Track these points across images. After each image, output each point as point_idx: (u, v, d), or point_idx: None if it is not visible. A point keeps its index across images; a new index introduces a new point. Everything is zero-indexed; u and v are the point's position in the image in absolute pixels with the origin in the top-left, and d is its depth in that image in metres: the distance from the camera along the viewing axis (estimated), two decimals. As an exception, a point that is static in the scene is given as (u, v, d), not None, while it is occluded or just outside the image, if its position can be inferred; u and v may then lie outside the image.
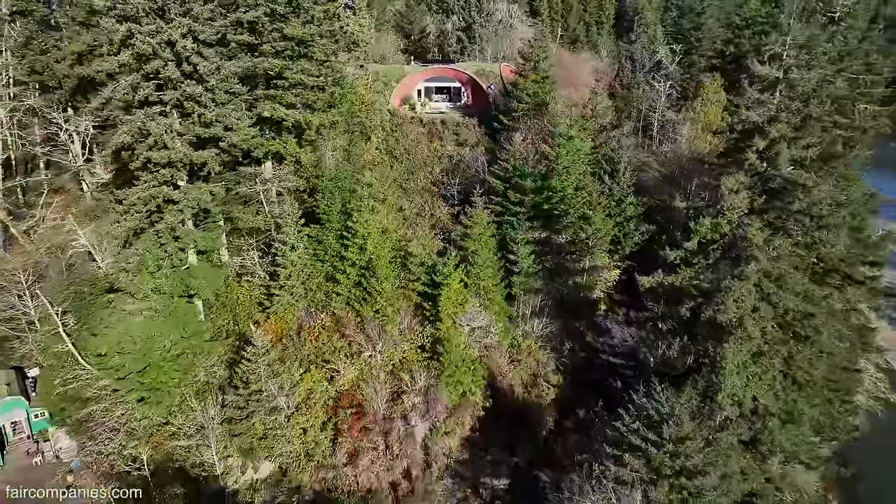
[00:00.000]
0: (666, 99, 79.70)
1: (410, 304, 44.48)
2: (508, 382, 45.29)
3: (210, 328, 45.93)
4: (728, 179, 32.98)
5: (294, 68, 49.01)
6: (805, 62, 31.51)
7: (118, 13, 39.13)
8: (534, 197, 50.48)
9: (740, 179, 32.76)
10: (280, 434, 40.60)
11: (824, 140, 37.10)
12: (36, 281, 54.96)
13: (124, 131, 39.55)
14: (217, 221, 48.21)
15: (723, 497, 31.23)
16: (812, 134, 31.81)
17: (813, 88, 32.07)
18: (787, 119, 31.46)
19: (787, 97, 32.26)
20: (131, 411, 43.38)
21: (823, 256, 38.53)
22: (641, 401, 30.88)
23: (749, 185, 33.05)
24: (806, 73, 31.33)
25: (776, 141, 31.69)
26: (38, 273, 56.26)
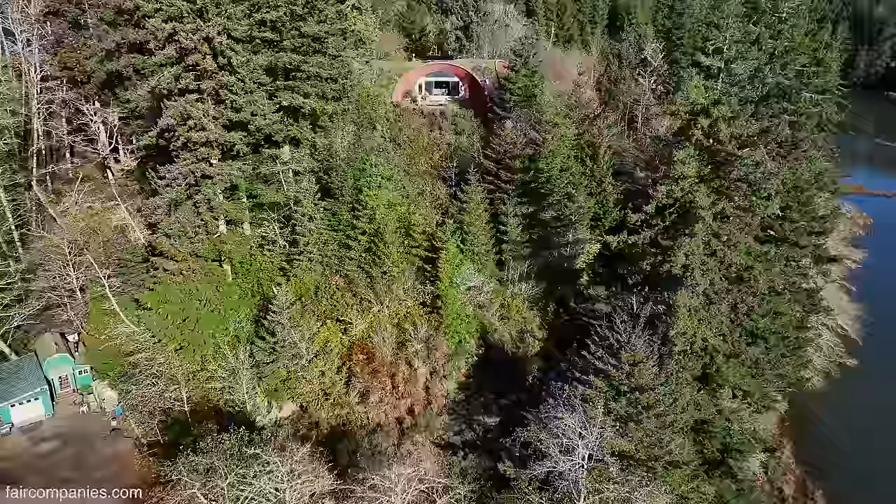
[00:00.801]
0: (651, 93, 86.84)
1: (413, 266, 51.58)
2: (499, 336, 52.33)
3: (237, 290, 52.92)
4: (679, 152, 39.97)
5: (310, 62, 56.03)
6: (741, 54, 38.53)
7: (164, 14, 46.10)
8: (522, 176, 57.54)
9: (689, 152, 39.74)
10: (301, 377, 47.57)
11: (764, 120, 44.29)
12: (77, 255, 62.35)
13: (169, 115, 46.57)
14: (241, 198, 55.24)
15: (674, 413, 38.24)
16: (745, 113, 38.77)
17: (748, 77, 39.02)
18: (727, 102, 38.46)
19: (727, 84, 39.25)
20: (171, 359, 50.35)
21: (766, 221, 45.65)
22: (605, 333, 37.90)
23: (697, 158, 40.02)
24: (742, 63, 38.34)
25: (717, 120, 38.66)
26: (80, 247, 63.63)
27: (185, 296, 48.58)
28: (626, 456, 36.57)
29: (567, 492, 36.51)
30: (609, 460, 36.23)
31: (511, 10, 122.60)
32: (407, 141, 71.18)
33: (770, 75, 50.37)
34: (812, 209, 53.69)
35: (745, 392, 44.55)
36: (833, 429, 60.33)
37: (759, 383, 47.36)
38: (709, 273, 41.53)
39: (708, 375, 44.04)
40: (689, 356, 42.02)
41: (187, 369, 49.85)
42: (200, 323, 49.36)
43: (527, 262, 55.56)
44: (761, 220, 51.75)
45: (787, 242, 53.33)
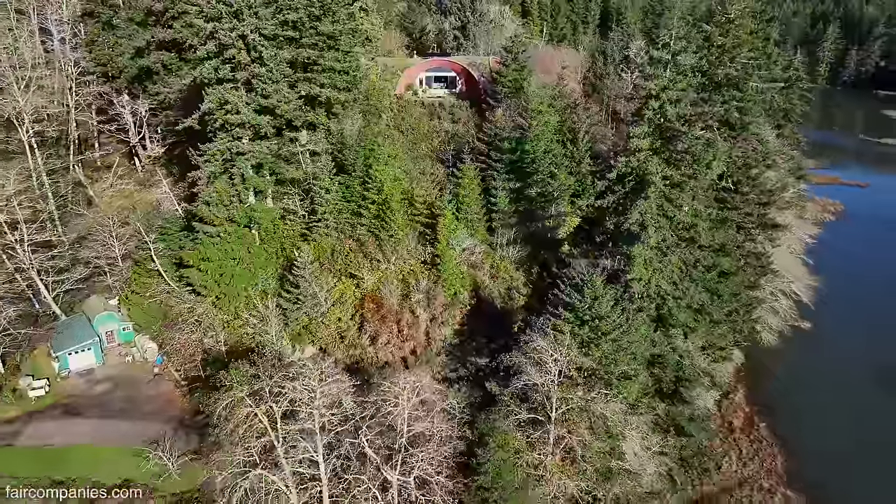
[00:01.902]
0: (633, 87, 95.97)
1: (415, 231, 60.87)
2: (489, 291, 61.59)
3: (264, 252, 62.13)
4: (635, 129, 49.22)
5: (326, 57, 65.40)
6: (684, 48, 47.82)
7: (205, 15, 55.40)
8: (510, 156, 66.84)
9: (643, 129, 48.97)
10: (321, 323, 56.78)
11: (716, 105, 53.80)
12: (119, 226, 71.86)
13: (210, 100, 55.83)
14: (265, 175, 64.49)
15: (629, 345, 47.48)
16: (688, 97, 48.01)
17: (691, 67, 48.29)
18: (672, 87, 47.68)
19: (674, 73, 48.50)
20: (208, 310, 59.59)
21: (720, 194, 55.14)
22: (572, 274, 47.18)
23: (650, 133, 49.22)
24: (685, 56, 47.61)
25: (665, 103, 47.88)
26: (122, 221, 73.23)
27: (221, 255, 57.80)
28: (588, 372, 45.84)
29: (541, 402, 45.78)
30: (574, 375, 45.57)
31: (506, 10, 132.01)
32: (409, 128, 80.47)
33: (720, 67, 59.80)
34: (760, 183, 62.97)
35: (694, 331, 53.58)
36: (781, 378, 69.87)
37: (709, 327, 56.54)
38: (661, 230, 50.74)
39: (662, 317, 53.25)
40: (644, 298, 51.24)
41: (223, 318, 59.10)
42: (234, 279, 58.63)
43: (514, 230, 64.92)
44: (716, 192, 61.41)
45: (738, 211, 62.71)
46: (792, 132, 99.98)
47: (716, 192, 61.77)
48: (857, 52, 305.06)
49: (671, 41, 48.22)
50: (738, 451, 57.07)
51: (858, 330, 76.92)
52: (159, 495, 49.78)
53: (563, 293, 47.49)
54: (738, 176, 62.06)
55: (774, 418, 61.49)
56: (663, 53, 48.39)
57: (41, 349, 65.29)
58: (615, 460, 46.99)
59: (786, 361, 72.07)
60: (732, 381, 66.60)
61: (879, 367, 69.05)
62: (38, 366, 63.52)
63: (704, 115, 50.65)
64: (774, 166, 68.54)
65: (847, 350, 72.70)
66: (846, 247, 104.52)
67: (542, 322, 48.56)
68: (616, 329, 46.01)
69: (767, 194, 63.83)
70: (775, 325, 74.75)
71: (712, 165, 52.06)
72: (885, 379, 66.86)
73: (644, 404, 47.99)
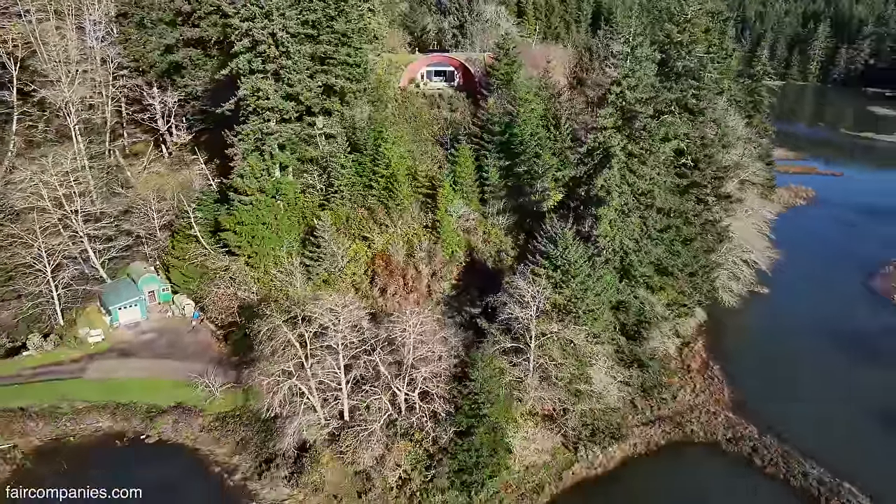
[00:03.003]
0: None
1: (418, 200, 71.83)
2: (481, 253, 72.52)
3: (287, 220, 72.90)
4: (601, 111, 60.15)
5: (340, 52, 76.25)
6: (640, 43, 58.74)
7: (241, 16, 66.29)
8: (500, 138, 77.78)
9: (608, 110, 59.83)
10: (338, 277, 67.60)
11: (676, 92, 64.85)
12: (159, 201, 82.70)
13: (245, 88, 66.72)
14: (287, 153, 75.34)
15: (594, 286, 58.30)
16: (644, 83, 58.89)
17: (646, 58, 59.18)
18: (631, 75, 58.56)
19: (633, 63, 59.36)
20: (241, 268, 70.47)
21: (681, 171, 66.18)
22: (548, 229, 58.11)
23: (613, 114, 60.07)
24: (640, 49, 58.51)
25: (625, 88, 58.73)
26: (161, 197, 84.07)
27: (253, 220, 68.69)
28: (560, 308, 56.71)
29: (522, 333, 56.69)
30: (549, 311, 56.48)
31: (502, 10, 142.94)
32: (412, 116, 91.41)
33: (679, 60, 70.76)
34: (715, 161, 73.91)
35: (662, 289, 64.60)
36: (737, 332, 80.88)
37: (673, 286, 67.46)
38: (623, 195, 61.59)
39: (626, 269, 64.08)
40: (610, 253, 62.13)
41: (255, 275, 70.02)
42: (264, 241, 69.53)
43: (503, 202, 75.90)
44: (677, 168, 72.36)
45: (697, 186, 73.66)
46: (760, 122, 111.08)
47: (677, 169, 72.83)
48: (847, 51, 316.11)
49: (631, 38, 59.16)
50: (693, 386, 67.86)
51: (808, 295, 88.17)
52: (206, 414, 60.68)
53: (540, 244, 58.41)
54: (696, 154, 73.00)
55: (726, 363, 72.26)
56: (624, 47, 59.31)
57: (92, 307, 76.33)
58: (584, 384, 57.87)
59: (742, 319, 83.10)
60: (694, 334, 77.46)
61: (821, 325, 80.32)
62: (91, 320, 74.55)
63: (659, 100, 61.40)
64: (730, 146, 79.27)
65: (796, 311, 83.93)
66: (810, 226, 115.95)
67: (523, 268, 59.51)
68: (582, 273, 56.92)
69: (722, 170, 74.72)
70: (736, 289, 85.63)
71: (668, 142, 62.81)
72: (825, 334, 78.15)
73: (607, 337, 58.81)
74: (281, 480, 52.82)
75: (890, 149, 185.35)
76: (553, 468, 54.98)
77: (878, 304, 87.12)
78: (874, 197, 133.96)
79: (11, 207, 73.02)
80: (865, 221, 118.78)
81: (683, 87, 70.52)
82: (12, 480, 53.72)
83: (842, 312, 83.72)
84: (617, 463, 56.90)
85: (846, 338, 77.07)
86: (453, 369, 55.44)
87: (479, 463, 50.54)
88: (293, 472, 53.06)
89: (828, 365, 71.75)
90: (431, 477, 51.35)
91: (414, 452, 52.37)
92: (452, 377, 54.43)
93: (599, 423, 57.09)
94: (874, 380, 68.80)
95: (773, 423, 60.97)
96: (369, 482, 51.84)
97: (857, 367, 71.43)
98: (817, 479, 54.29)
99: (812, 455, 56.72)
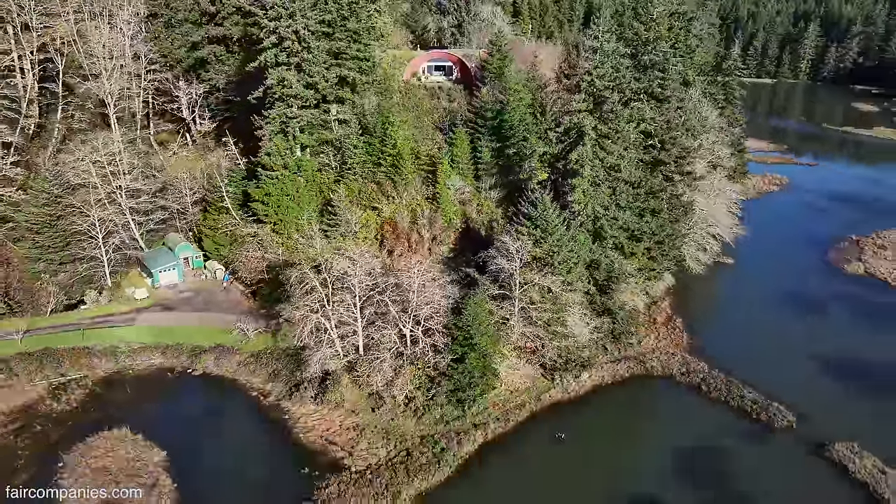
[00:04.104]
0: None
1: (421, 175, 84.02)
2: (475, 222, 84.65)
3: (307, 193, 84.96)
4: (575, 96, 72.27)
5: (352, 48, 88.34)
6: (608, 39, 70.89)
7: (270, 15, 78.41)
8: (492, 123, 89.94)
9: (581, 96, 71.93)
10: (352, 240, 79.60)
11: (643, 82, 77.04)
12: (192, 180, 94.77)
13: (272, 78, 78.82)
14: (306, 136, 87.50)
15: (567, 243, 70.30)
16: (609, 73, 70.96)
17: (613, 51, 71.32)
18: (600, 66, 70.63)
19: (602, 56, 71.47)
20: (268, 234, 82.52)
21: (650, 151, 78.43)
22: (530, 195, 70.19)
23: (586, 99, 72.14)
24: (607, 44, 70.67)
25: (595, 77, 70.80)
26: (193, 176, 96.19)
27: (279, 192, 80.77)
28: (539, 260, 68.73)
29: (507, 281, 68.72)
30: (530, 262, 68.51)
31: (498, 10, 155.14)
32: (414, 106, 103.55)
33: (646, 55, 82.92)
34: (679, 142, 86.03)
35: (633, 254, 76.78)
36: (700, 294, 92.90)
37: (637, 244, 79.48)
38: (595, 168, 73.69)
39: (598, 232, 76.13)
40: (584, 217, 74.20)
41: (279, 240, 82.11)
42: (288, 210, 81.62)
43: (494, 178, 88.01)
44: (645, 150, 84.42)
45: (662, 162, 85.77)
46: (732, 113, 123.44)
47: (645, 149, 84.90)
48: (836, 50, 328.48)
49: (600, 34, 71.33)
50: (657, 335, 79.85)
51: (768, 265, 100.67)
52: (242, 352, 72.71)
53: (523, 207, 70.49)
54: (662, 136, 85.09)
55: (688, 318, 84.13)
56: (594, 43, 71.49)
57: (133, 272, 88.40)
58: (560, 326, 69.88)
59: (707, 284, 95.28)
60: (662, 295, 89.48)
61: (776, 289, 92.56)
62: (133, 282, 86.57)
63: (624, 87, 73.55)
64: (695, 131, 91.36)
65: (756, 278, 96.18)
66: (779, 209, 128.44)
67: (509, 227, 71.56)
68: (558, 231, 68.99)
69: (685, 151, 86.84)
70: (703, 259, 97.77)
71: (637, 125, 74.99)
72: (778, 296, 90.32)
73: (580, 287, 70.90)
74: (308, 399, 64.86)
75: (866, 142, 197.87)
76: (533, 392, 66.97)
77: (829, 273, 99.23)
78: (843, 185, 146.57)
79: (67, 182, 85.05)
80: (831, 206, 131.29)
81: (650, 77, 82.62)
82: (87, 401, 65.80)
83: (796, 279, 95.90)
84: (587, 390, 68.83)
85: (796, 298, 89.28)
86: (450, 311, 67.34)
87: (472, 383, 62.50)
88: (317, 393, 65.07)
89: (778, 320, 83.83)
90: (432, 395, 63.32)
91: (418, 376, 64.32)
92: (450, 311, 66.24)
93: (573, 356, 69.09)
94: (817, 331, 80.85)
95: (721, 362, 72.76)
96: (381, 400, 63.79)
97: (802, 320, 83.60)
98: (752, 400, 66.19)
99: (751, 384, 68.56)
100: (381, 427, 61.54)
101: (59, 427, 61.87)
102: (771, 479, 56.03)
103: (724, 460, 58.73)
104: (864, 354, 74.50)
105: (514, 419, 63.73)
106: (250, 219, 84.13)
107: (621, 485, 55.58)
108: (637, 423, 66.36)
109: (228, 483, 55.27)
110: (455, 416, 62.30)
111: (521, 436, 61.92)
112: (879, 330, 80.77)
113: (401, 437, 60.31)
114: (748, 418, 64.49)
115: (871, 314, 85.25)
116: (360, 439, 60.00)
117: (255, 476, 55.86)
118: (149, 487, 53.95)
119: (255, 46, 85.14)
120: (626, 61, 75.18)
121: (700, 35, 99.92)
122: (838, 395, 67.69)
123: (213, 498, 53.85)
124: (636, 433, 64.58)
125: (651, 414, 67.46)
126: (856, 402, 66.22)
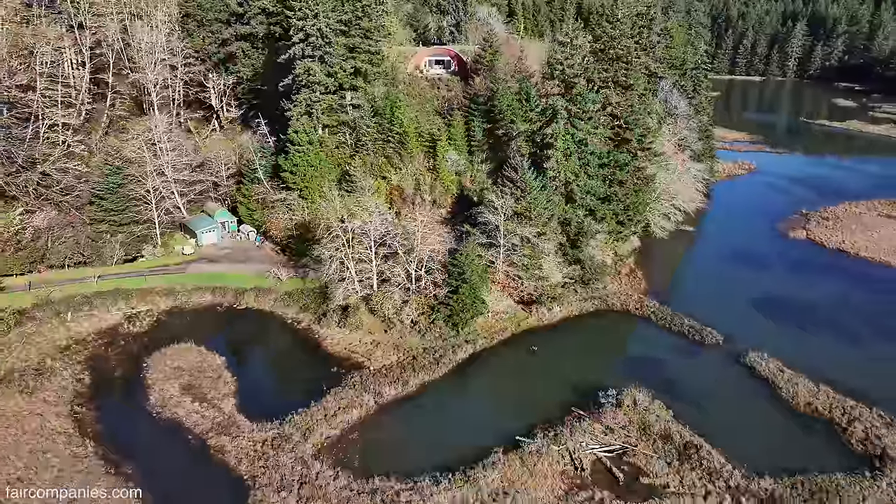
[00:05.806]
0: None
1: (423, 150, 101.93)
2: (468, 190, 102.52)
3: (327, 165, 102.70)
4: (549, 83, 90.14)
5: (364, 43, 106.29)
6: (576, 35, 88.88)
7: (298, 15, 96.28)
8: (483, 107, 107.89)
9: (555, 81, 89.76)
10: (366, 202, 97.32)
11: (610, 72, 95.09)
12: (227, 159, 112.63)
13: (300, 68, 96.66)
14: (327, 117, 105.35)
15: (542, 200, 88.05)
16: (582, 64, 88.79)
17: (579, 45, 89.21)
18: (570, 57, 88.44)
19: (571, 49, 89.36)
20: (296, 200, 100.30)
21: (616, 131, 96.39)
22: (511, 161, 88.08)
23: (558, 85, 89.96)
24: (577, 40, 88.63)
25: (565, 66, 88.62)
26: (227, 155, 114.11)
27: (305, 163, 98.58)
28: (519, 214, 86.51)
29: (493, 232, 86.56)
30: (512, 216, 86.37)
31: (493, 11, 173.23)
32: (417, 94, 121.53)
33: (611, 49, 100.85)
34: (642, 123, 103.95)
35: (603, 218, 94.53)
36: (662, 254, 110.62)
37: (607, 208, 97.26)
38: (566, 142, 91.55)
39: (570, 196, 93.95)
40: (558, 182, 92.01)
41: (304, 204, 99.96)
42: (312, 179, 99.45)
43: (485, 154, 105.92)
44: (613, 129, 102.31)
45: (626, 140, 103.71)
46: (700, 103, 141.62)
47: (613, 130, 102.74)
48: (822, 48, 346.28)
49: (569, 30, 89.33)
50: (620, 283, 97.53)
51: (724, 232, 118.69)
52: (277, 291, 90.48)
53: (507, 171, 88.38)
54: (626, 117, 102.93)
55: (648, 270, 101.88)
56: (564, 38, 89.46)
57: (178, 234, 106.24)
58: (536, 270, 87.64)
59: (669, 246, 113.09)
60: (628, 253, 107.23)
61: (728, 250, 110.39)
62: (179, 242, 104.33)
63: (590, 75, 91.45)
64: (654, 114, 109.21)
65: (712, 242, 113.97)
66: (743, 189, 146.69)
67: (494, 188, 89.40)
68: (534, 189, 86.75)
69: (646, 130, 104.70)
70: (667, 226, 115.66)
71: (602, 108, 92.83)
72: (729, 255, 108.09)
73: (553, 237, 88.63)
74: (333, 324, 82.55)
75: (835, 133, 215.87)
76: (513, 319, 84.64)
77: (775, 238, 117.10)
78: (806, 170, 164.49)
79: (125, 157, 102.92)
80: (791, 187, 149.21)
81: (616, 68, 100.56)
82: (156, 326, 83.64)
83: (745, 242, 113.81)
84: (558, 319, 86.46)
85: (743, 257, 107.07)
86: (447, 255, 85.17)
87: (464, 309, 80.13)
88: (340, 318, 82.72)
89: (724, 272, 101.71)
90: (433, 319, 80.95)
91: (421, 305, 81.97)
92: (447, 255, 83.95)
93: (546, 293, 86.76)
94: (754, 280, 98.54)
95: (671, 302, 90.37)
96: (391, 323, 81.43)
97: (744, 272, 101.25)
98: (690, 326, 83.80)
99: (691, 315, 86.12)
100: (392, 342, 79.20)
101: (136, 342, 79.69)
102: (700, 379, 73.51)
103: (665, 367, 76.20)
104: (788, 295, 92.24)
105: (497, 338, 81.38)
106: (280, 186, 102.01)
107: (581, 379, 73.02)
108: (597, 341, 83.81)
109: (275, 377, 73.17)
110: (451, 335, 79.91)
111: (502, 350, 79.61)
112: (805, 279, 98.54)
113: (408, 349, 77.95)
114: (686, 339, 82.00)
115: (801, 268, 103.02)
116: (376, 350, 77.70)
117: (294, 374, 73.76)
118: (215, 379, 71.70)
119: (278, 42, 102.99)
120: (590, 56, 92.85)
121: (660, 33, 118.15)
122: (760, 323, 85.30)
123: (265, 385, 71.68)
124: (596, 348, 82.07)
125: (609, 336, 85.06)
126: (772, 327, 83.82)
